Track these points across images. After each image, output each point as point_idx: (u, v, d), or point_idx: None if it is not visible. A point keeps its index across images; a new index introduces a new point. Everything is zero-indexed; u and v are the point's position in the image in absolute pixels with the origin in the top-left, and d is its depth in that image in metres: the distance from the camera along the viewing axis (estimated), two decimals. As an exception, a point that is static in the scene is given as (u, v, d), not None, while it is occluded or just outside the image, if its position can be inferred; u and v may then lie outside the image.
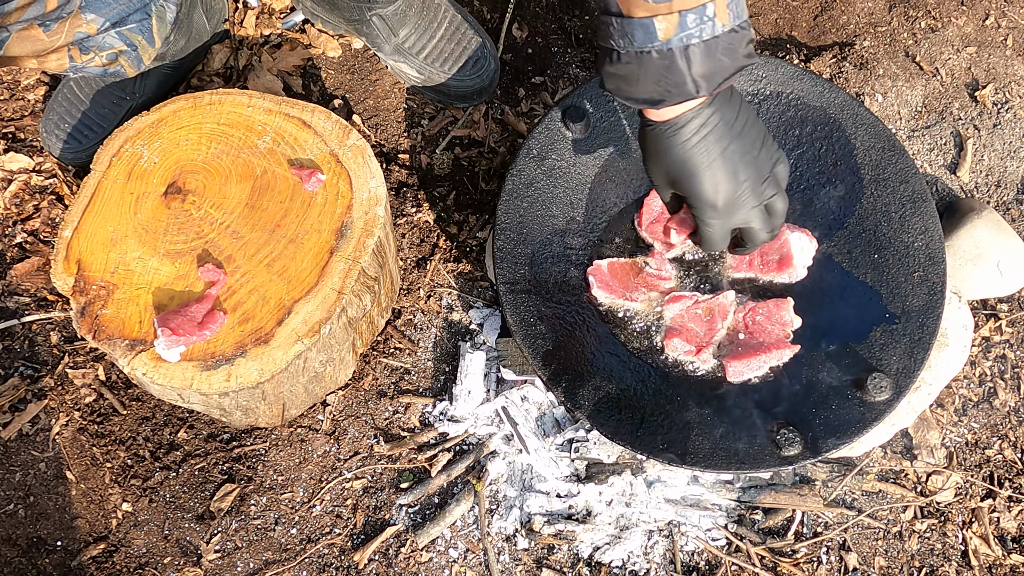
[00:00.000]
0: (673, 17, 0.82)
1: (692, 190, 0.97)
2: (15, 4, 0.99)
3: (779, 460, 1.05)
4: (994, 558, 1.21)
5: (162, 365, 1.02)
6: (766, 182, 0.98)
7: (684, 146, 0.93)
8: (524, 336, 1.11)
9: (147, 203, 1.11)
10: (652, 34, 0.83)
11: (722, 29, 0.84)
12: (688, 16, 0.82)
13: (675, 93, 0.87)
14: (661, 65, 0.85)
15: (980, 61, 1.50)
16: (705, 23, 0.83)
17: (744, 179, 0.96)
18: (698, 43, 0.83)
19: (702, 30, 0.83)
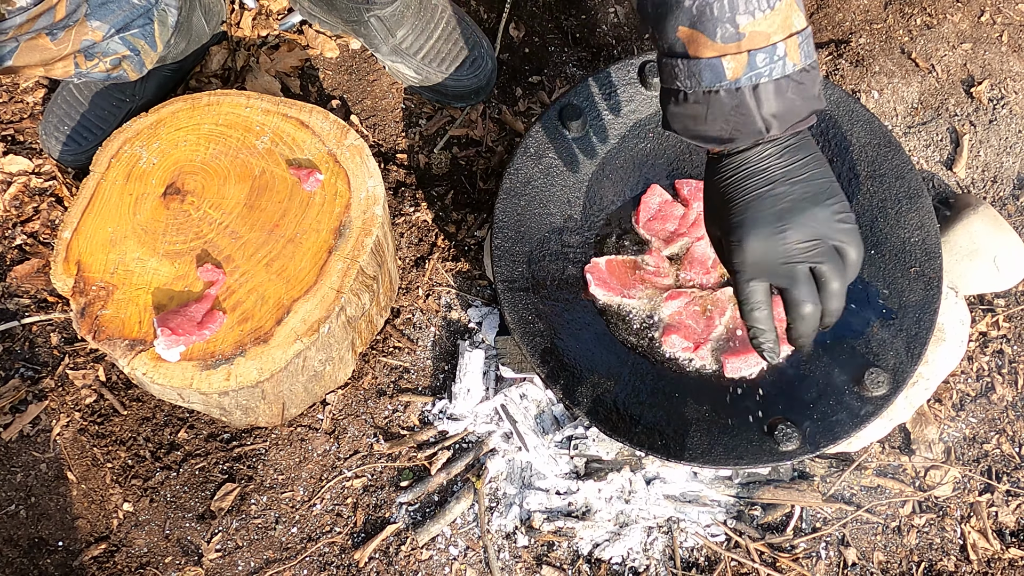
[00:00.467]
0: (742, 57, 0.80)
1: (725, 222, 0.88)
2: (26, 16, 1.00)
3: (777, 455, 1.06)
4: (992, 552, 1.21)
5: (162, 365, 1.03)
6: (817, 244, 0.84)
7: (731, 174, 0.87)
8: (522, 334, 1.11)
9: (146, 204, 1.12)
10: (721, 74, 0.81)
11: (792, 68, 0.81)
12: (758, 56, 0.80)
13: (744, 132, 0.84)
14: (730, 104, 0.82)
15: (976, 57, 1.50)
16: (776, 62, 0.80)
17: (787, 226, 0.84)
18: (768, 82, 0.81)
19: (772, 69, 0.81)
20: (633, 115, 1.26)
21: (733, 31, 0.80)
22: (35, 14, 0.99)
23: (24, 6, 0.98)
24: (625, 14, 1.56)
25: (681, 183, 1.24)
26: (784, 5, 0.80)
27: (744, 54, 0.80)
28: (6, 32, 0.99)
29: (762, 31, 0.80)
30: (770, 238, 0.85)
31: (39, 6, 0.99)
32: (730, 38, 0.80)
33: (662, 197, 1.23)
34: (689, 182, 1.23)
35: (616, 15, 1.56)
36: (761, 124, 0.83)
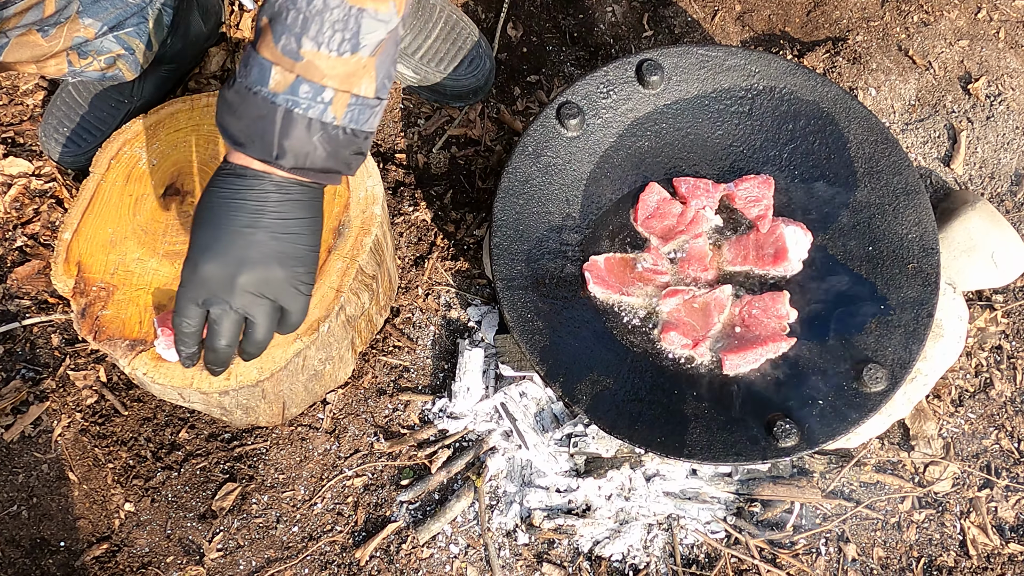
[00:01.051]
0: (290, 76, 0.80)
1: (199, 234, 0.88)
2: (13, 10, 1.00)
3: (776, 452, 1.06)
4: (992, 547, 1.21)
5: (162, 365, 1.03)
6: (260, 299, 0.88)
7: (223, 193, 0.86)
8: (522, 332, 1.12)
9: (146, 205, 1.12)
10: (265, 79, 0.80)
11: (331, 119, 0.82)
12: (302, 85, 0.80)
13: (257, 145, 0.83)
14: (259, 111, 0.81)
15: (973, 54, 1.51)
16: (316, 103, 0.81)
17: (241, 271, 0.86)
18: (301, 115, 0.81)
19: (310, 106, 0.81)
20: (631, 113, 1.26)
21: (294, 48, 0.79)
22: (23, 8, 0.99)
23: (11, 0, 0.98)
24: (623, 13, 1.57)
25: (679, 181, 1.24)
26: (354, 62, 0.80)
27: (293, 75, 0.80)
28: None
29: (319, 67, 0.80)
30: (223, 273, 0.86)
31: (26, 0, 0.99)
32: (289, 53, 0.79)
33: (660, 195, 1.24)
34: (687, 180, 1.24)
35: (614, 14, 1.57)
36: (275, 148, 0.82)
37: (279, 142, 0.82)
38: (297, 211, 0.87)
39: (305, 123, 0.81)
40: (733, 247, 1.22)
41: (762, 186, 1.22)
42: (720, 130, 1.28)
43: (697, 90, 1.27)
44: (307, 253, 0.89)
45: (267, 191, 0.86)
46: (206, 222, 0.87)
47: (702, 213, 1.22)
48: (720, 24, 1.56)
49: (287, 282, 0.88)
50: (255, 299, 0.88)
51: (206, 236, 0.87)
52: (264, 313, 0.89)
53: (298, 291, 0.90)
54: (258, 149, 0.83)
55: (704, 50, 1.27)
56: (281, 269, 0.88)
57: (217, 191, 0.87)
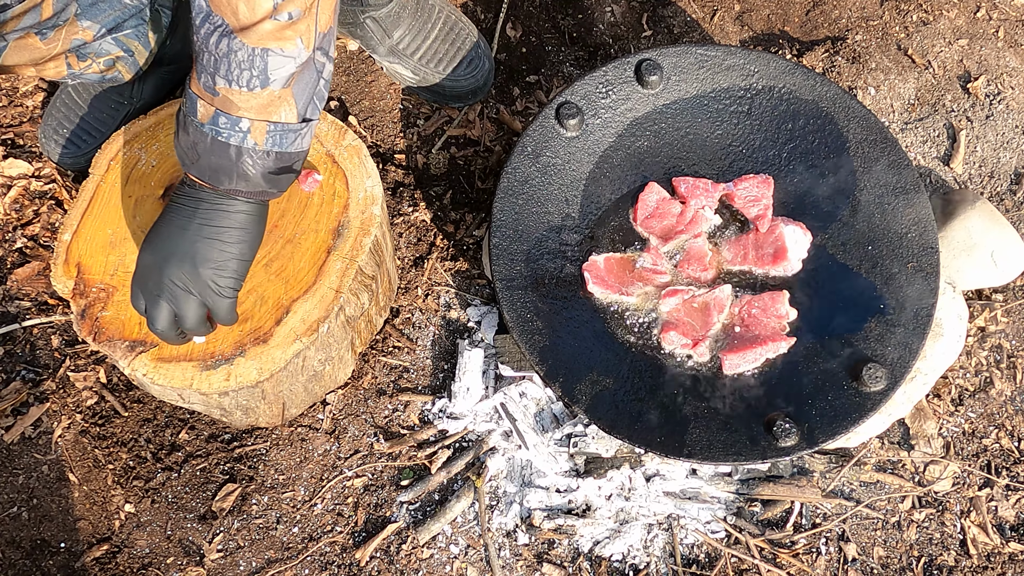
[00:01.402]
0: (211, 109, 0.89)
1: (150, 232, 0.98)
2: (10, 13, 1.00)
3: (776, 451, 1.06)
4: (992, 547, 1.21)
5: (162, 366, 1.03)
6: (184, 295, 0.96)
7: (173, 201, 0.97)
8: (521, 332, 1.12)
9: (145, 206, 1.12)
10: (194, 108, 0.90)
11: (253, 145, 0.90)
12: (220, 116, 0.89)
13: (195, 168, 0.92)
14: (194, 138, 0.91)
15: (972, 53, 1.50)
16: (236, 132, 0.89)
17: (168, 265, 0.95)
18: (224, 142, 0.90)
19: (231, 135, 0.89)
20: (630, 113, 1.26)
21: (211, 84, 0.88)
22: (20, 11, 1.00)
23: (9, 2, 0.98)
24: (622, 13, 1.57)
25: (678, 180, 1.24)
26: (267, 95, 0.88)
27: (212, 108, 0.89)
28: None
29: (233, 101, 0.88)
30: (151, 265, 0.96)
31: (24, 3, 1.00)
32: (208, 88, 0.88)
33: (659, 195, 1.24)
34: (686, 180, 1.24)
35: (612, 14, 1.57)
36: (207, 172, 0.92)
37: (210, 165, 0.91)
38: (226, 221, 0.95)
39: (229, 149, 0.90)
40: (732, 247, 1.22)
41: (761, 185, 1.22)
42: (719, 130, 1.28)
43: (696, 90, 1.27)
44: (229, 259, 0.96)
45: (201, 199, 0.95)
46: (154, 224, 0.98)
47: (701, 213, 1.22)
48: (719, 24, 1.56)
49: (206, 282, 0.96)
50: (178, 294, 0.96)
51: (150, 234, 0.98)
52: (189, 307, 0.97)
53: (217, 293, 0.97)
54: (197, 170, 0.93)
55: (703, 50, 1.27)
56: (205, 271, 0.95)
57: (170, 201, 0.98)
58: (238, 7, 0.84)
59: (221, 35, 0.85)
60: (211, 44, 0.86)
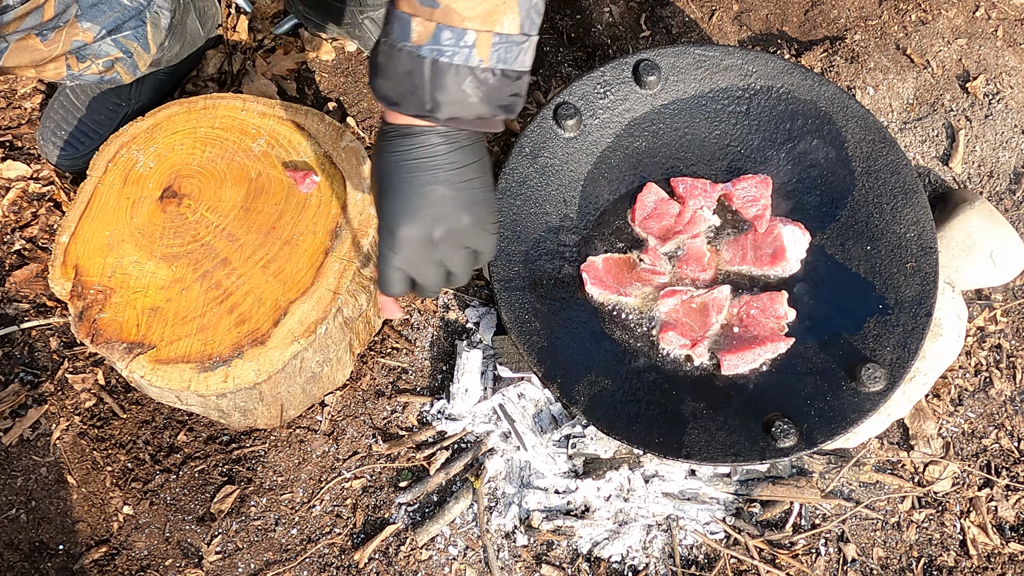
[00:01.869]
0: (430, 26, 0.79)
1: (381, 206, 0.89)
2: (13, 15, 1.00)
3: (775, 452, 1.06)
4: (992, 547, 1.21)
5: (160, 367, 1.03)
6: (456, 249, 0.90)
7: (396, 157, 0.86)
8: (519, 333, 1.12)
9: (143, 207, 1.12)
10: (407, 33, 0.80)
11: (478, 62, 0.80)
12: (444, 32, 0.79)
13: (410, 102, 0.83)
14: (406, 67, 0.81)
15: (971, 52, 1.50)
16: (460, 48, 0.79)
17: (435, 228, 0.88)
18: (447, 63, 0.80)
19: (455, 53, 0.79)
20: (628, 114, 1.26)
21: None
22: (23, 12, 1.00)
23: (11, 4, 0.98)
24: (620, 13, 1.57)
25: (677, 181, 1.24)
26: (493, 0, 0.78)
27: (433, 24, 0.78)
28: None
29: (458, 11, 0.78)
30: (420, 235, 0.88)
31: (26, 4, 1.00)
32: (426, 2, 0.78)
33: (658, 195, 1.24)
34: (685, 180, 1.24)
35: (611, 14, 1.56)
36: (428, 102, 0.82)
37: (431, 95, 0.81)
38: (467, 157, 0.87)
39: (453, 71, 0.80)
40: (731, 247, 1.21)
41: (760, 186, 1.22)
42: (717, 130, 1.28)
43: (694, 90, 1.27)
44: (485, 195, 0.90)
45: (434, 144, 0.86)
46: (389, 189, 0.88)
47: (700, 213, 1.22)
48: (717, 24, 1.56)
49: (475, 227, 0.89)
50: (451, 250, 0.90)
51: (394, 203, 0.88)
52: (461, 261, 0.92)
53: (486, 232, 0.91)
54: (412, 105, 0.83)
55: (701, 50, 1.27)
56: (467, 216, 0.89)
57: (389, 155, 0.87)
58: None
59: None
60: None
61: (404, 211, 0.87)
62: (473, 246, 0.92)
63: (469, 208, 0.88)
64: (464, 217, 0.88)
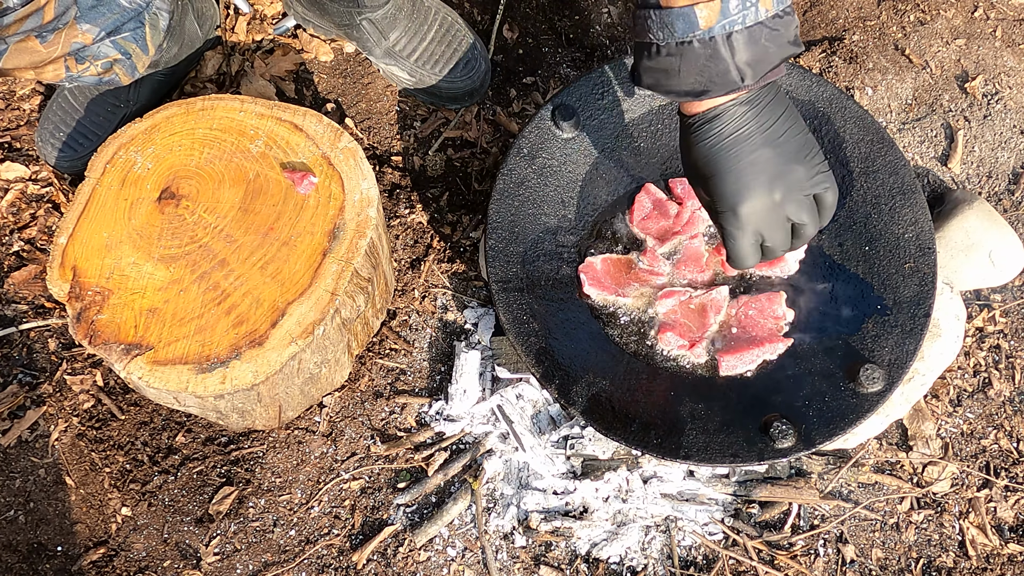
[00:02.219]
0: (715, 4, 0.79)
1: (715, 191, 0.91)
2: (13, 17, 1.00)
3: (773, 453, 1.06)
4: (991, 548, 1.21)
5: (158, 369, 1.03)
6: (799, 201, 0.91)
7: (712, 141, 0.89)
8: (517, 334, 1.11)
9: (141, 209, 1.12)
10: (694, 23, 0.80)
11: (766, 14, 0.81)
12: (730, 2, 0.79)
13: (719, 83, 0.84)
14: (703, 54, 0.82)
15: (969, 53, 1.50)
16: (748, 8, 0.80)
17: (773, 191, 0.89)
18: (741, 30, 0.80)
19: (745, 16, 0.80)
20: (626, 114, 1.26)
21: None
22: (23, 15, 1.00)
23: (12, 6, 0.98)
24: (619, 14, 1.57)
25: (675, 182, 1.24)
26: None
27: (716, 1, 0.79)
28: None
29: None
30: (763, 204, 0.89)
31: (27, 7, 1.00)
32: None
33: (656, 196, 1.23)
34: (683, 180, 1.24)
35: (609, 15, 1.56)
36: (736, 74, 0.82)
37: (737, 68, 0.82)
38: (776, 111, 0.88)
39: (747, 36, 0.81)
40: (729, 248, 1.21)
41: (758, 186, 1.22)
42: (716, 131, 1.27)
43: (692, 91, 1.27)
44: (806, 138, 0.90)
45: (744, 116, 0.87)
46: (717, 172, 0.89)
47: (698, 214, 1.22)
48: (716, 25, 1.56)
49: (810, 174, 0.90)
50: (795, 204, 0.90)
51: (727, 184, 0.89)
52: (807, 211, 0.92)
53: (823, 175, 0.91)
54: (721, 87, 0.84)
55: (699, 51, 1.26)
56: (800, 167, 0.89)
57: (705, 143, 0.89)
58: None
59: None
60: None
61: (740, 188, 0.89)
62: (814, 192, 0.92)
63: (796, 158, 0.89)
64: (796, 168, 0.89)
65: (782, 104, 0.90)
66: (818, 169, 0.91)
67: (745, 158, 0.88)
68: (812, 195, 0.92)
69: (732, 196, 0.90)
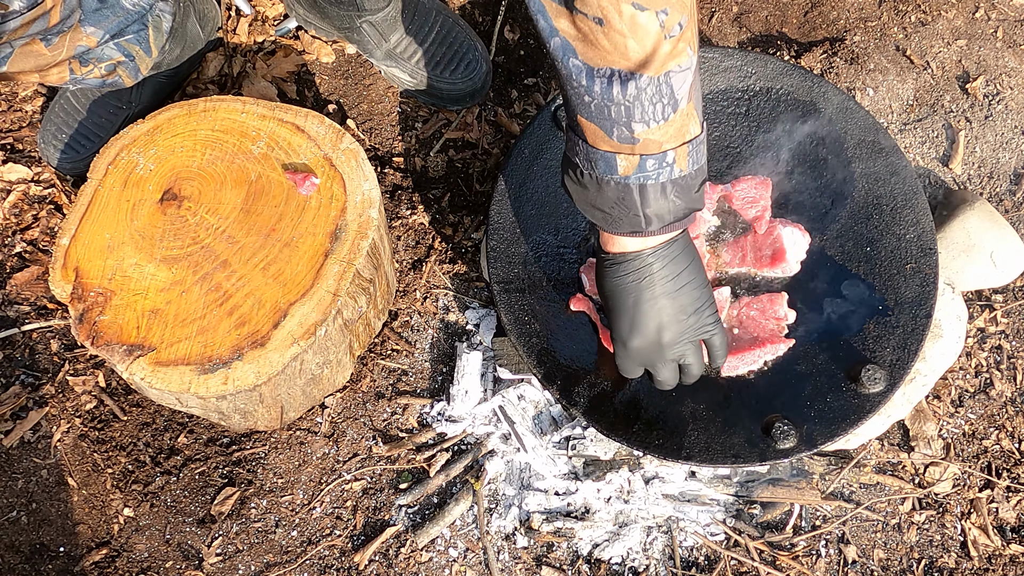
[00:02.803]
0: (634, 159, 0.86)
1: (613, 323, 1.01)
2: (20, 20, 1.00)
3: (775, 453, 1.06)
4: (993, 548, 1.21)
5: (160, 370, 1.03)
6: (685, 344, 0.99)
7: (618, 282, 0.96)
8: (519, 335, 1.12)
9: (143, 210, 1.12)
10: (613, 167, 0.87)
11: (679, 173, 0.87)
12: (648, 160, 0.86)
13: (626, 222, 0.91)
14: (616, 195, 0.89)
15: (970, 53, 1.50)
16: (664, 168, 0.86)
17: (662, 335, 0.98)
18: (654, 184, 0.87)
19: (659, 173, 0.87)
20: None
21: (628, 135, 0.84)
22: (29, 19, 1.00)
23: (18, 10, 0.99)
24: (620, 15, 1.57)
25: (676, 183, 1.24)
26: (679, 116, 0.84)
27: (636, 156, 0.86)
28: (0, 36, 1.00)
29: (655, 139, 0.84)
30: (649, 344, 0.99)
31: (33, 10, 1.00)
32: (625, 140, 0.85)
33: (657, 197, 1.23)
34: (684, 181, 1.24)
35: (611, 16, 1.56)
36: (641, 219, 0.90)
37: (643, 213, 0.90)
38: (679, 265, 0.96)
39: (659, 189, 0.88)
40: (731, 248, 1.21)
41: (759, 187, 1.22)
42: (717, 131, 1.28)
43: (694, 92, 1.27)
44: (702, 292, 0.98)
45: (649, 264, 0.95)
46: (615, 309, 0.99)
47: (699, 214, 1.22)
48: (717, 25, 1.56)
49: (699, 325, 0.99)
50: (681, 348, 1.00)
51: (622, 322, 0.99)
52: (691, 354, 1.01)
53: (710, 327, 1.00)
54: (626, 225, 0.91)
55: (700, 51, 1.26)
56: (690, 318, 0.98)
57: (611, 281, 0.97)
58: (626, 47, 0.78)
59: (622, 82, 0.80)
60: (615, 95, 0.81)
61: (632, 328, 0.98)
62: (701, 337, 1.00)
63: (688, 310, 0.97)
64: (686, 319, 0.98)
65: (688, 258, 0.96)
66: (707, 320, 0.99)
67: (643, 305, 0.96)
68: (700, 338, 1.00)
69: (625, 333, 0.99)
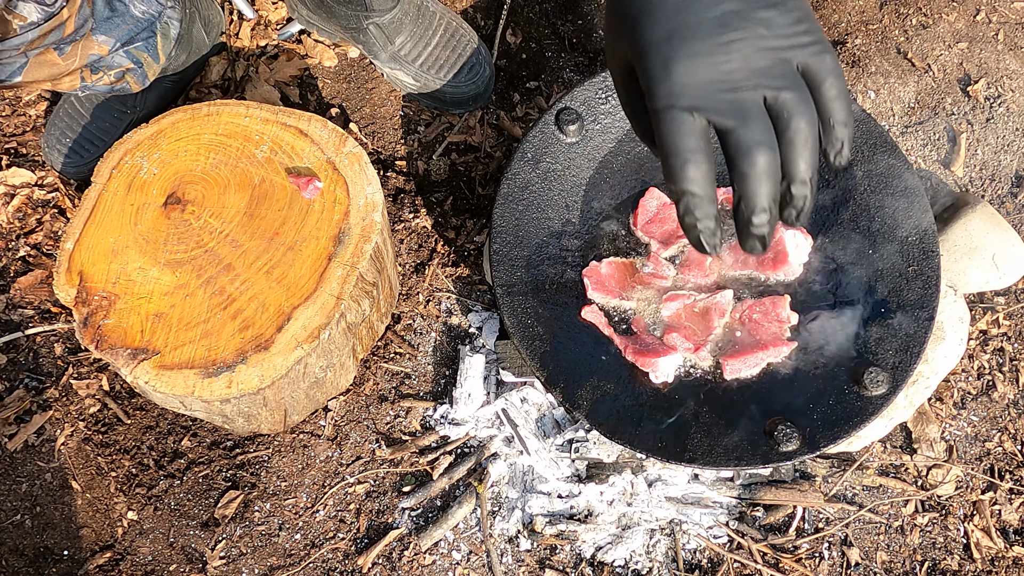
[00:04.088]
0: None
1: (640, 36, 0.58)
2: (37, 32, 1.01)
3: (777, 456, 1.06)
4: (996, 551, 1.21)
5: (164, 373, 1.03)
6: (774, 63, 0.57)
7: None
8: (522, 338, 1.12)
9: (147, 214, 1.12)
10: None
11: None
12: None
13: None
14: None
15: (972, 56, 1.51)
16: None
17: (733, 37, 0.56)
18: None
19: None
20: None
21: None
22: (46, 30, 1.00)
23: (35, 21, 0.99)
24: (621, 19, 1.57)
25: (678, 186, 1.24)
26: None
27: None
28: (17, 48, 1.01)
29: None
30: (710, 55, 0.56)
31: (50, 22, 1.00)
32: None
33: (660, 199, 1.24)
34: (686, 184, 1.24)
35: (612, 20, 1.57)
36: None
37: None
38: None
39: None
40: (733, 251, 1.22)
41: (761, 190, 1.22)
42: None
43: (696, 95, 1.27)
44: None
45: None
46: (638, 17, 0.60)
47: (702, 217, 1.22)
48: (719, 29, 1.56)
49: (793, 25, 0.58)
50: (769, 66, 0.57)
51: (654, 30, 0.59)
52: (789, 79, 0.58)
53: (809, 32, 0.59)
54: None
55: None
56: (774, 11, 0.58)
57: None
58: None
59: None
60: None
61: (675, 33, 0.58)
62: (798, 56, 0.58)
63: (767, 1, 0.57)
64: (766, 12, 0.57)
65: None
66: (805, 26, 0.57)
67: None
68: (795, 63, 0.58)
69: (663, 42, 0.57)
